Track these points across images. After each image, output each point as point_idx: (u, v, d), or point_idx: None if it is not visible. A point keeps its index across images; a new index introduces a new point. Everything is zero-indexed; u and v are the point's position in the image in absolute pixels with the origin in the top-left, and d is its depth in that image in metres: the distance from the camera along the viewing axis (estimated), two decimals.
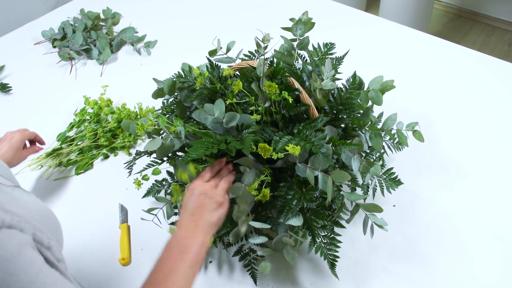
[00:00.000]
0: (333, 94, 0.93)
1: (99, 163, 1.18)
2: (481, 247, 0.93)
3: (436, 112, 1.24)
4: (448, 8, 3.29)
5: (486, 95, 1.30)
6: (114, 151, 1.21)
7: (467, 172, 1.09)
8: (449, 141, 1.16)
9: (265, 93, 0.83)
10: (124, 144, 1.20)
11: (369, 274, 0.90)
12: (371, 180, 0.97)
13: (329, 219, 0.86)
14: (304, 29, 0.97)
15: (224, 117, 0.84)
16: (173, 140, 0.84)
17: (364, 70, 1.05)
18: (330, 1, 1.76)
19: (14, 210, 0.52)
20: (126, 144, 1.20)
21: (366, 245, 0.94)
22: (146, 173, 0.96)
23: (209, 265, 0.93)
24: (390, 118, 0.93)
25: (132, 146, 1.22)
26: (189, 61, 1.00)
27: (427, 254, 0.93)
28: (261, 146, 0.77)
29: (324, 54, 1.05)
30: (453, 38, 3.01)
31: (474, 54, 1.45)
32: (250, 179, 0.80)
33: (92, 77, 1.47)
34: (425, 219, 0.99)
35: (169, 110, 1.00)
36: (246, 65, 0.90)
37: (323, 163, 0.78)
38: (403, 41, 1.53)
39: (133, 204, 1.05)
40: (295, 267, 0.91)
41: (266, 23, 1.16)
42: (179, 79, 0.93)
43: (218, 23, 1.67)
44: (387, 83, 0.93)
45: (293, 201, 0.81)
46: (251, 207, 0.85)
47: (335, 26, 1.58)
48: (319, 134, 0.79)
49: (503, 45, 2.96)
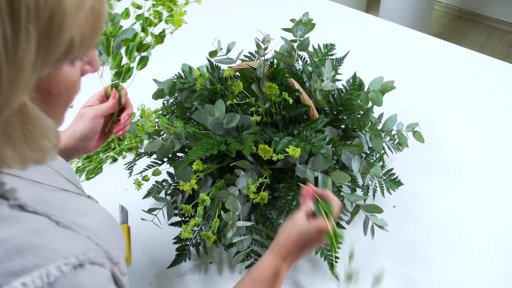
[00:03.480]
0: (333, 95, 0.93)
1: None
2: (481, 247, 0.93)
3: (436, 113, 1.24)
4: (448, 9, 3.29)
5: (486, 96, 1.30)
6: (121, 153, 1.20)
7: (467, 172, 1.09)
8: (449, 142, 1.16)
9: (265, 94, 0.83)
10: (132, 146, 1.20)
11: (369, 274, 0.90)
12: (371, 181, 0.97)
13: None
14: (305, 30, 0.98)
15: (224, 118, 0.84)
16: (174, 141, 0.85)
17: (364, 71, 1.05)
18: (331, 2, 1.76)
19: (88, 224, 0.50)
20: (133, 145, 1.20)
21: (366, 246, 0.94)
22: (147, 174, 0.96)
23: (210, 265, 0.93)
24: (390, 119, 0.93)
25: (139, 147, 1.22)
26: (189, 62, 1.00)
27: (427, 254, 0.93)
28: (261, 147, 0.77)
29: (324, 55, 1.06)
30: (453, 39, 3.01)
31: (474, 55, 1.46)
32: (243, 182, 0.81)
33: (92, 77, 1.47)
34: (425, 219, 0.99)
35: (169, 111, 1.00)
36: (247, 66, 0.90)
37: (323, 164, 0.78)
38: (403, 42, 1.53)
39: (133, 205, 1.05)
40: (295, 268, 0.91)
41: (266, 24, 1.16)
42: (180, 80, 0.93)
43: (218, 24, 1.67)
44: (387, 84, 0.93)
45: (293, 201, 0.81)
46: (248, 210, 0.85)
47: (335, 27, 1.58)
48: (319, 135, 0.79)
49: (503, 46, 2.96)
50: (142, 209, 0.94)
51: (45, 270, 0.40)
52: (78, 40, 0.38)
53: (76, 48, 0.39)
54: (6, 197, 0.43)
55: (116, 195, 1.08)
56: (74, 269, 0.42)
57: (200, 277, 0.91)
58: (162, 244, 0.95)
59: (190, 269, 0.92)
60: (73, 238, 0.46)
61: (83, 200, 0.58)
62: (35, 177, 0.51)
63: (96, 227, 0.52)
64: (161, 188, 0.95)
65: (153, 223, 0.89)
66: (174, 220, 0.94)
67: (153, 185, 0.95)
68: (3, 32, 0.32)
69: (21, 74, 0.35)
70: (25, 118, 0.38)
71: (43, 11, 0.34)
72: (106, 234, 0.53)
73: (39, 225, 0.44)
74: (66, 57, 0.39)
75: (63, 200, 0.52)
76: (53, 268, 0.40)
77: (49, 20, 0.35)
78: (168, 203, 0.89)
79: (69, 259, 0.42)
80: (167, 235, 0.95)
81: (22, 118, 0.38)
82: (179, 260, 0.89)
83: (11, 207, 0.43)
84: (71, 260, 0.42)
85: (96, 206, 0.60)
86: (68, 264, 0.42)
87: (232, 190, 0.81)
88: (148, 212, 0.89)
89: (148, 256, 0.95)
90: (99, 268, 0.46)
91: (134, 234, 1.00)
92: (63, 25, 0.36)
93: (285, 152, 0.76)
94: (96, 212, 0.57)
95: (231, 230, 0.80)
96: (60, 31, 0.36)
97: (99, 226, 0.54)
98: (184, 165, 0.78)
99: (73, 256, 0.43)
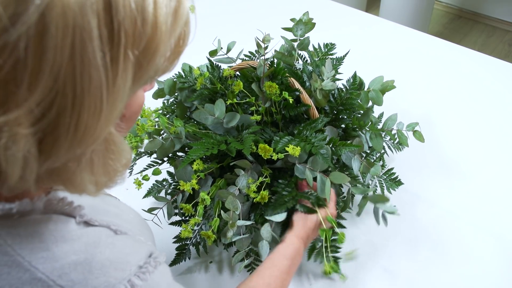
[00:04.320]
0: (333, 95, 0.93)
1: None
2: (481, 247, 0.93)
3: (437, 113, 1.24)
4: (448, 9, 3.29)
5: (486, 96, 1.30)
6: None
7: (467, 172, 1.09)
8: (450, 141, 1.16)
9: (265, 94, 0.83)
10: (132, 145, 1.20)
11: (370, 274, 0.90)
12: (371, 180, 0.97)
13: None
14: (305, 29, 0.98)
15: (224, 117, 0.84)
16: (174, 141, 0.85)
17: (364, 71, 1.05)
18: (331, 2, 1.76)
19: (127, 225, 0.52)
20: (133, 144, 1.20)
21: (366, 245, 0.94)
22: (147, 173, 0.96)
23: (210, 265, 0.93)
24: (391, 119, 0.93)
25: (139, 147, 1.21)
26: (189, 62, 1.00)
27: (427, 254, 0.93)
28: (261, 146, 0.77)
29: (325, 54, 1.05)
30: (454, 38, 3.01)
31: (474, 54, 1.45)
32: (243, 182, 0.81)
33: None
34: (425, 219, 0.99)
35: (170, 111, 1.00)
36: (247, 66, 0.90)
37: (322, 164, 0.78)
38: (404, 42, 1.53)
39: (134, 205, 1.04)
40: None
41: (267, 23, 1.16)
42: (180, 80, 0.93)
43: (218, 24, 1.67)
44: (387, 84, 0.93)
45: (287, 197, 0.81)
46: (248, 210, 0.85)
47: (336, 26, 1.58)
48: (319, 135, 0.79)
49: (504, 45, 2.96)
50: (142, 208, 0.94)
51: (129, 282, 0.42)
52: (164, 63, 0.38)
53: (160, 72, 0.39)
54: (73, 215, 0.44)
55: (116, 194, 1.08)
56: (150, 274, 0.45)
57: (200, 276, 0.91)
58: (162, 243, 0.95)
59: (190, 268, 0.92)
60: (135, 244, 0.48)
61: (111, 200, 0.59)
62: None
63: (134, 226, 0.54)
64: (161, 188, 0.95)
65: (153, 222, 0.89)
66: (174, 219, 0.94)
67: (153, 185, 0.95)
68: (104, 61, 0.32)
69: (118, 102, 0.34)
70: (108, 145, 0.38)
71: (140, 37, 0.33)
72: (141, 231, 0.55)
73: (106, 238, 0.45)
74: (150, 81, 0.38)
75: (100, 205, 0.53)
76: (135, 278, 0.43)
77: (145, 46, 0.34)
78: (168, 203, 0.89)
79: (145, 266, 0.45)
80: (167, 234, 0.95)
81: (106, 145, 0.37)
82: (179, 259, 0.89)
83: (78, 224, 0.44)
84: (148, 268, 0.45)
85: (123, 205, 0.62)
86: (146, 272, 0.45)
87: (232, 189, 0.81)
88: (148, 211, 0.89)
89: None
90: (164, 266, 0.50)
91: None
92: (157, 51, 0.35)
93: (285, 151, 0.76)
94: (126, 211, 0.59)
95: (231, 230, 0.80)
96: (154, 57, 0.35)
97: (133, 224, 0.55)
98: (184, 164, 0.78)
99: (146, 263, 0.46)
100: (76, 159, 0.35)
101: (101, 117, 0.33)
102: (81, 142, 0.33)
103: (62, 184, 0.38)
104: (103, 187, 0.41)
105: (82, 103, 0.32)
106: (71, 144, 0.33)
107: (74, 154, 0.34)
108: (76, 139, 0.33)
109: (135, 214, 0.61)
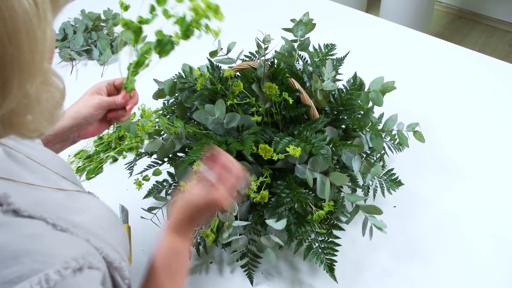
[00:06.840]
0: (333, 95, 0.93)
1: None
2: (481, 247, 0.93)
3: (437, 113, 1.24)
4: (448, 9, 3.29)
5: (486, 96, 1.30)
6: (121, 153, 1.20)
7: (468, 172, 1.09)
8: (450, 142, 1.16)
9: (265, 94, 0.83)
10: (132, 146, 1.20)
11: (370, 274, 0.90)
12: (371, 181, 0.97)
13: (327, 222, 0.86)
14: (305, 30, 0.98)
15: (224, 118, 0.84)
16: (174, 141, 0.85)
17: (364, 71, 1.05)
18: (331, 2, 1.76)
19: (86, 221, 0.50)
20: (133, 145, 1.20)
21: (367, 246, 0.94)
22: (147, 174, 0.96)
23: (210, 265, 0.93)
24: (391, 119, 0.93)
25: (140, 147, 1.22)
26: (189, 62, 1.00)
27: (428, 254, 0.93)
28: (262, 147, 0.77)
29: (325, 55, 1.06)
30: (454, 39, 3.01)
31: (475, 55, 1.45)
32: (242, 184, 0.81)
33: (93, 78, 1.47)
34: (425, 219, 0.99)
35: (170, 111, 1.00)
36: (247, 66, 0.90)
37: (323, 165, 0.78)
38: (404, 42, 1.53)
39: (134, 205, 1.05)
40: (295, 269, 0.91)
41: (267, 24, 1.16)
42: (180, 80, 0.93)
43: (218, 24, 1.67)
44: (387, 84, 0.93)
45: (286, 199, 0.81)
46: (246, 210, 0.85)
47: (336, 27, 1.58)
48: (320, 136, 0.79)
49: (504, 46, 2.96)
50: (143, 208, 0.94)
51: (44, 275, 0.39)
52: None
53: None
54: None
55: (117, 195, 1.08)
56: (73, 273, 0.42)
57: (200, 276, 0.91)
58: None
59: (190, 269, 0.92)
60: (71, 241, 0.45)
61: (80, 196, 0.57)
62: (28, 178, 0.50)
63: (95, 224, 0.52)
64: (162, 188, 0.95)
65: (153, 222, 0.89)
66: None
67: (154, 185, 0.95)
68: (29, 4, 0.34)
69: (48, 30, 0.37)
70: (45, 79, 0.40)
71: None
72: (106, 230, 0.52)
73: (36, 230, 0.43)
74: (64, 4, 0.41)
75: (59, 200, 0.52)
76: (53, 272, 0.40)
77: None
78: (169, 203, 0.89)
79: (69, 263, 0.42)
80: None
81: (43, 79, 0.40)
82: None
83: (5, 213, 0.42)
84: (71, 264, 0.42)
85: (95, 201, 0.60)
86: (68, 268, 0.41)
87: None
88: (148, 211, 0.89)
89: (148, 256, 0.95)
90: (96, 272, 0.46)
91: (134, 235, 1.00)
92: None
93: (286, 152, 0.76)
94: (94, 208, 0.56)
95: (227, 231, 0.80)
96: None
97: (98, 222, 0.53)
98: (185, 165, 0.78)
99: (73, 260, 0.42)
100: (26, 97, 0.38)
101: (38, 47, 0.36)
102: (29, 75, 0.36)
103: (16, 130, 0.39)
104: (50, 123, 0.43)
105: (17, 36, 0.34)
106: (20, 79, 0.36)
107: (25, 90, 0.37)
108: (23, 73, 0.36)
109: (107, 212, 0.58)
